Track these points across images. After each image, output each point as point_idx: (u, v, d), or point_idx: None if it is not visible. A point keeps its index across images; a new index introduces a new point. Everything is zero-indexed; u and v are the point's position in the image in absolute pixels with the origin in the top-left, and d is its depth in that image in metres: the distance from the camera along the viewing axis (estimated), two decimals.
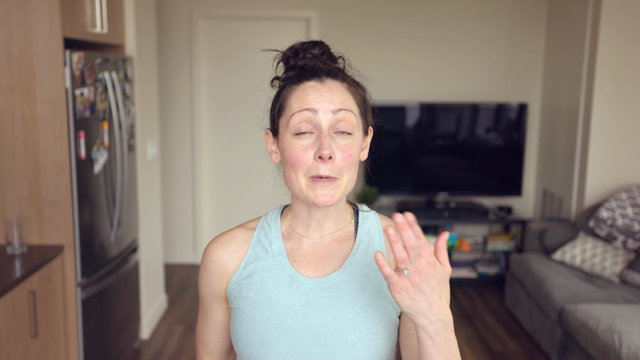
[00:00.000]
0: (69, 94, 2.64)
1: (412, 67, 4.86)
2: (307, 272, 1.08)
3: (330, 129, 1.02)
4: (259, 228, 1.15)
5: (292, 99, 1.05)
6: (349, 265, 1.08)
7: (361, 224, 1.13)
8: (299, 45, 1.11)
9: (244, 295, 1.09)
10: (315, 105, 1.02)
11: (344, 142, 1.03)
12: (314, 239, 1.11)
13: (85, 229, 2.82)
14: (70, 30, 2.68)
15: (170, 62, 4.89)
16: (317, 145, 1.01)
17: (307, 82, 1.06)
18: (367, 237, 1.11)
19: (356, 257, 1.09)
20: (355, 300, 1.05)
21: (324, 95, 1.04)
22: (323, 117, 1.02)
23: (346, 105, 1.04)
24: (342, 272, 1.07)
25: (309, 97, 1.04)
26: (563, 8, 4.54)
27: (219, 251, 1.13)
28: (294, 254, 1.11)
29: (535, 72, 4.91)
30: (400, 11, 4.80)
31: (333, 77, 1.07)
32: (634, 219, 3.69)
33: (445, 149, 4.82)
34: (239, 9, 4.84)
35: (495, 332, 3.89)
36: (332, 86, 1.06)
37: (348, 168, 1.04)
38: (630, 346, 2.70)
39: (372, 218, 1.15)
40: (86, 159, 2.81)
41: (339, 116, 1.03)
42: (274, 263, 1.09)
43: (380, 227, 1.13)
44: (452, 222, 4.63)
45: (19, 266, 2.46)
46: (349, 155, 1.03)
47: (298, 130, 1.03)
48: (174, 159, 5.05)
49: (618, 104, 4.03)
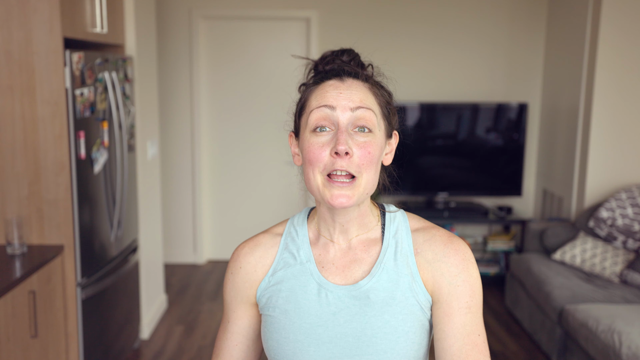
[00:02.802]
0: (69, 94, 2.64)
1: (412, 67, 4.86)
2: (335, 279, 1.07)
3: (349, 126, 1.01)
4: (286, 233, 1.13)
5: (312, 97, 1.05)
6: (377, 272, 1.06)
7: (388, 227, 1.10)
8: (329, 53, 1.10)
9: (274, 304, 1.08)
10: (334, 102, 1.01)
11: (363, 140, 1.01)
12: (341, 244, 1.09)
13: (85, 229, 2.82)
14: (70, 30, 2.68)
15: (170, 62, 4.89)
16: (334, 142, 1.00)
17: (328, 81, 1.05)
18: (394, 241, 1.09)
19: (384, 262, 1.06)
20: (384, 308, 1.04)
21: (343, 92, 1.03)
22: (341, 114, 1.01)
23: (366, 103, 1.03)
24: (371, 279, 1.05)
25: (327, 94, 1.03)
26: (563, 8, 4.54)
27: (248, 257, 1.12)
28: (322, 259, 1.09)
29: (535, 72, 4.91)
30: (400, 11, 4.80)
31: (354, 77, 1.06)
32: (634, 219, 3.69)
33: (445, 149, 4.82)
34: (239, 9, 4.84)
35: (495, 332, 3.89)
36: (353, 85, 1.04)
37: (367, 166, 1.01)
38: (630, 346, 2.70)
39: (400, 218, 1.12)
40: (86, 159, 2.81)
41: (358, 114, 1.01)
42: (302, 270, 1.09)
43: (409, 228, 1.11)
44: (452, 222, 4.63)
45: (19, 266, 2.46)
46: (368, 152, 1.01)
47: (315, 126, 1.01)
48: (174, 159, 5.05)
49: (618, 104, 4.03)
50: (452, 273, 1.04)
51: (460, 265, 1.05)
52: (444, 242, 1.07)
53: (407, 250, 1.07)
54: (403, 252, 1.07)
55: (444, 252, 1.06)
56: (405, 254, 1.07)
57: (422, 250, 1.07)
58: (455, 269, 1.05)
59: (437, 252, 1.06)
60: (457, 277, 1.04)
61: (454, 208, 4.69)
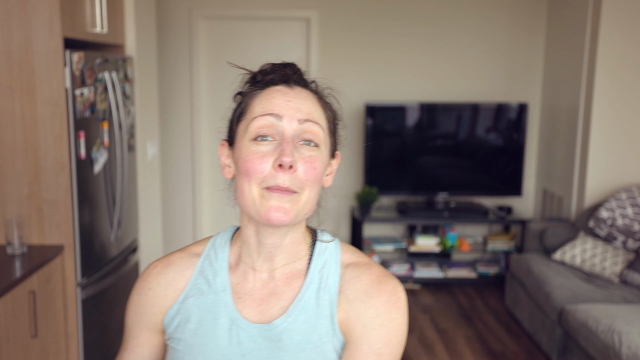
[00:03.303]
0: (69, 94, 2.64)
1: (412, 67, 4.86)
2: (250, 313, 0.96)
3: (295, 138, 0.91)
4: (204, 255, 1.02)
5: (255, 102, 0.95)
6: (295, 311, 0.95)
7: (316, 259, 0.99)
8: (269, 66, 0.99)
9: (180, 336, 0.98)
10: (281, 111, 0.92)
11: (309, 154, 0.92)
12: (263, 273, 0.98)
13: (85, 229, 2.82)
14: (70, 30, 2.68)
15: (170, 62, 4.89)
16: (277, 153, 0.89)
17: (275, 86, 0.95)
18: (319, 276, 0.97)
19: (304, 300, 0.95)
20: (298, 354, 0.93)
21: (292, 101, 0.93)
22: (287, 125, 0.91)
23: (314, 117, 0.94)
24: (287, 318, 0.94)
25: (274, 100, 0.93)
26: (563, 8, 4.54)
27: (159, 278, 1.01)
28: (239, 289, 0.98)
29: (535, 72, 4.91)
30: (400, 11, 4.80)
31: (303, 86, 0.97)
32: (634, 219, 3.69)
33: (445, 149, 4.82)
34: (239, 9, 4.84)
35: (495, 332, 3.89)
36: (301, 94, 0.95)
37: (311, 183, 0.91)
38: (630, 346, 2.70)
39: (332, 250, 1.00)
40: (86, 159, 2.81)
41: (305, 127, 0.92)
42: (215, 300, 0.97)
43: (339, 262, 0.98)
44: (452, 222, 4.63)
45: (19, 266, 2.46)
46: (314, 168, 0.91)
47: (257, 134, 0.91)
48: (174, 159, 5.05)
49: (618, 104, 4.03)
50: (370, 315, 0.93)
51: (382, 307, 0.93)
52: (371, 281, 0.95)
53: (331, 288, 0.96)
54: (327, 290, 0.96)
55: (367, 292, 0.95)
56: (329, 291, 0.96)
57: (346, 288, 0.96)
58: (374, 311, 0.93)
59: (360, 291, 0.95)
60: (374, 320, 0.93)
61: (454, 208, 4.69)
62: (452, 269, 4.70)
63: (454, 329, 3.93)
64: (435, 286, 4.69)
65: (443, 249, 4.72)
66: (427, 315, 4.14)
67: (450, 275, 4.67)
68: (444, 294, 4.55)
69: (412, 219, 4.64)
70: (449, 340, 3.76)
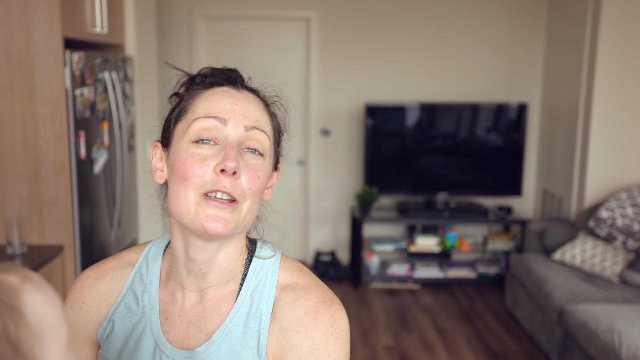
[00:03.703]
0: (69, 94, 2.64)
1: (412, 67, 4.86)
2: (176, 337, 0.89)
3: (239, 144, 0.85)
4: (137, 267, 0.95)
5: (198, 102, 0.88)
6: (218, 338, 0.87)
7: (249, 279, 0.90)
8: (209, 70, 0.92)
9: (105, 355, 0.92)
10: (226, 115, 0.85)
11: (253, 162, 0.85)
12: (192, 292, 0.90)
13: (85, 229, 2.82)
14: (70, 30, 2.68)
15: (170, 62, 4.89)
16: (220, 157, 0.83)
17: (221, 87, 0.89)
18: (249, 299, 0.88)
19: (230, 327, 0.87)
20: None
21: (239, 104, 0.87)
22: (232, 130, 0.85)
23: (261, 124, 0.88)
24: (209, 346, 0.86)
25: (220, 102, 0.86)
26: (563, 8, 4.54)
27: (92, 291, 0.94)
28: (168, 308, 0.91)
29: (535, 72, 4.91)
30: (400, 11, 4.80)
31: (251, 91, 0.91)
32: (634, 219, 3.69)
33: (445, 149, 4.82)
34: (239, 9, 4.84)
35: (495, 332, 3.89)
36: (249, 98, 0.89)
37: (253, 193, 0.85)
38: (630, 346, 2.70)
39: (269, 269, 0.91)
40: (86, 159, 2.81)
41: (251, 134, 0.86)
42: (142, 321, 0.90)
43: (275, 283, 0.90)
44: (452, 222, 4.63)
45: None
46: (257, 177, 0.85)
47: (199, 137, 0.84)
48: None
49: (618, 104, 4.03)
50: (305, 348, 0.85)
51: (318, 339, 0.85)
52: (307, 309, 0.87)
53: (263, 314, 0.87)
54: (257, 316, 0.88)
55: (302, 322, 0.86)
56: (259, 318, 0.87)
57: (280, 315, 0.87)
58: (310, 344, 0.85)
59: (294, 319, 0.86)
60: (310, 354, 0.85)
61: (454, 208, 4.69)
62: (452, 269, 4.70)
63: (454, 329, 3.93)
64: (435, 286, 4.69)
65: (443, 249, 4.72)
66: (427, 315, 4.14)
67: (450, 275, 4.67)
68: (444, 294, 4.55)
69: (412, 219, 4.64)
70: (449, 340, 3.76)
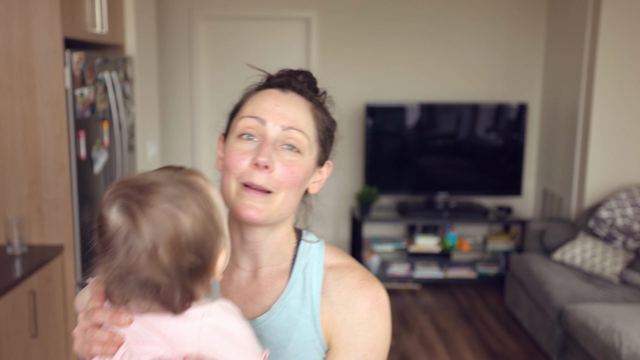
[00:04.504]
0: (69, 94, 2.64)
1: (412, 67, 4.86)
2: None
3: (277, 142, 0.94)
4: None
5: (248, 102, 0.99)
6: (278, 309, 0.96)
7: (299, 259, 1.00)
8: (286, 71, 1.03)
9: None
10: (266, 116, 0.95)
11: (289, 158, 0.94)
12: (247, 272, 1.00)
13: (86, 229, 2.82)
14: (71, 30, 2.68)
15: (170, 62, 4.89)
16: (256, 152, 0.93)
17: (270, 89, 0.99)
18: (302, 276, 0.98)
19: (287, 300, 0.96)
20: (279, 351, 0.94)
21: (280, 106, 0.96)
22: (270, 129, 0.94)
23: (299, 125, 0.95)
24: (269, 316, 0.96)
25: (264, 104, 0.96)
26: (563, 8, 4.54)
27: None
28: (225, 287, 1.00)
29: (535, 72, 4.91)
30: (400, 11, 4.80)
31: (298, 93, 0.99)
32: (634, 219, 3.69)
33: (445, 149, 4.82)
34: (239, 9, 4.84)
35: (495, 332, 3.89)
36: (293, 100, 0.97)
37: (288, 186, 0.93)
38: (630, 346, 2.70)
39: (315, 251, 1.01)
40: (86, 159, 2.81)
41: (288, 133, 0.94)
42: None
43: (322, 264, 0.99)
44: (452, 222, 4.63)
45: (19, 266, 2.46)
46: (292, 172, 0.93)
47: (242, 132, 0.95)
48: (174, 159, 5.04)
49: (618, 104, 4.03)
50: (355, 321, 0.95)
51: (366, 314, 0.95)
52: (354, 285, 0.97)
53: (314, 289, 0.97)
54: (309, 290, 0.97)
55: (350, 297, 0.96)
56: (311, 292, 0.97)
57: (329, 290, 0.97)
58: (359, 317, 0.95)
59: (342, 295, 0.96)
60: (360, 327, 0.95)
61: (454, 208, 4.69)
62: (452, 269, 4.70)
63: (454, 329, 3.93)
64: (435, 286, 4.69)
65: (443, 249, 4.72)
66: (427, 315, 4.14)
67: (450, 275, 4.67)
68: (444, 294, 4.55)
69: (412, 219, 4.64)
70: (449, 340, 3.76)
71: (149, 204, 0.76)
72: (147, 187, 0.78)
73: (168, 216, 0.76)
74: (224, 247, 0.83)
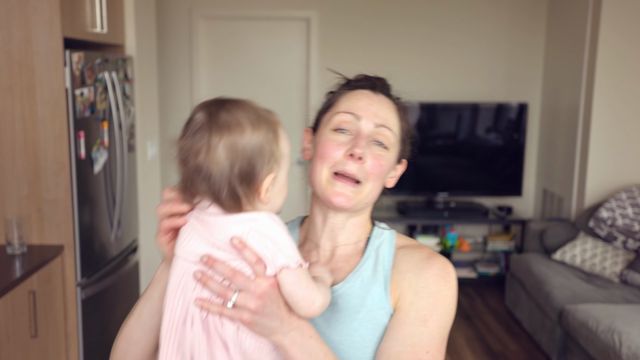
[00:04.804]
0: (69, 94, 2.64)
1: (412, 67, 4.86)
2: None
3: (369, 137, 1.04)
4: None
5: (342, 100, 1.09)
6: (352, 279, 1.05)
7: (373, 240, 1.10)
8: (362, 76, 1.15)
9: None
10: (362, 113, 1.05)
11: (378, 152, 1.05)
12: (326, 251, 1.09)
13: (85, 229, 2.82)
14: (70, 30, 2.68)
15: (170, 62, 4.89)
16: (350, 144, 1.02)
17: (362, 90, 1.10)
18: (375, 253, 1.08)
19: (361, 270, 1.05)
20: (353, 315, 1.02)
21: (373, 105, 1.06)
22: (364, 125, 1.05)
23: (389, 123, 1.07)
24: (344, 285, 1.04)
25: (359, 102, 1.07)
26: (563, 8, 4.54)
27: None
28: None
29: (535, 72, 4.91)
30: (400, 11, 4.80)
31: (386, 95, 1.10)
32: (634, 219, 3.69)
33: (445, 149, 4.82)
34: (239, 9, 4.84)
35: (495, 332, 3.89)
36: (383, 101, 1.09)
37: (375, 177, 1.05)
38: (630, 346, 2.70)
39: (387, 235, 1.12)
40: (86, 159, 2.81)
41: (379, 130, 1.05)
42: None
43: (393, 245, 1.10)
44: (452, 222, 4.63)
45: (19, 266, 2.46)
46: (380, 165, 1.04)
47: (338, 126, 1.05)
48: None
49: (618, 104, 4.03)
50: (421, 285, 1.02)
51: (432, 279, 1.03)
52: (422, 257, 1.06)
53: (386, 264, 1.06)
54: (381, 263, 1.06)
55: (418, 265, 1.05)
56: (383, 265, 1.06)
57: (399, 263, 1.06)
58: (425, 281, 1.02)
59: (412, 264, 1.05)
60: (424, 289, 1.02)
61: (454, 208, 4.69)
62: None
63: (454, 329, 3.93)
64: None
65: (443, 248, 4.72)
66: None
67: None
68: None
69: (412, 219, 4.64)
70: (449, 340, 3.76)
71: (228, 110, 0.90)
72: (237, 101, 0.93)
73: (238, 124, 0.89)
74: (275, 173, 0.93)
